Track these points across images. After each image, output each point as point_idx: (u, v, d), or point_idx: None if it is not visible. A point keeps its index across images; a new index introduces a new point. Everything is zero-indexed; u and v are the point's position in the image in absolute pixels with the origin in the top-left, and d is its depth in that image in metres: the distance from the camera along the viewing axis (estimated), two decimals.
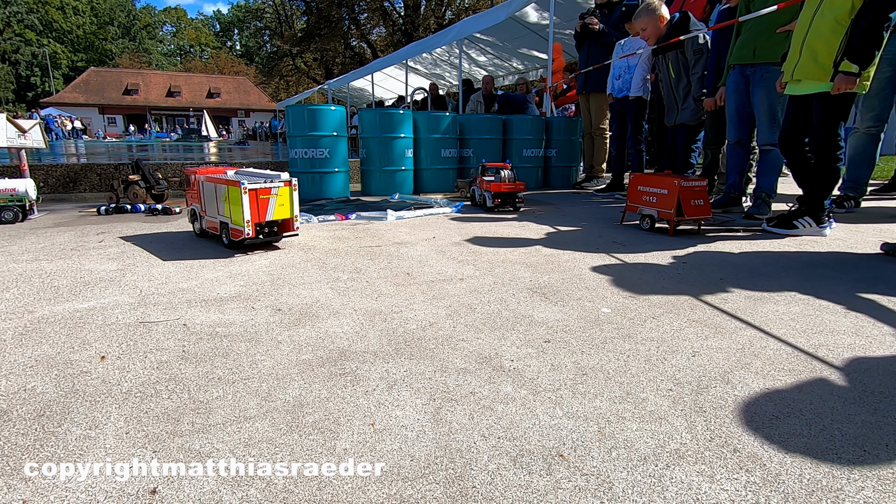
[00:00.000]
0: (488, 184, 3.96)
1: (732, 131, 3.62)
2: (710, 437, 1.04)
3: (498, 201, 3.97)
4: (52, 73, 45.95)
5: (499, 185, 3.94)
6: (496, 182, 3.95)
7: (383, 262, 2.42)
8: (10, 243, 2.85)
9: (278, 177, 2.60)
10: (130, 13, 55.75)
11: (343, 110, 4.94)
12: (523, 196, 4.12)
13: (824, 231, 2.91)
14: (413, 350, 1.46)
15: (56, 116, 27.26)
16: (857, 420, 1.10)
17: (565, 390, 1.23)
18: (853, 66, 2.47)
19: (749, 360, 1.39)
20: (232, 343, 1.50)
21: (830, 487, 0.89)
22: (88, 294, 1.95)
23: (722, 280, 2.12)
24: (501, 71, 12.10)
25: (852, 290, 1.98)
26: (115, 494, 0.89)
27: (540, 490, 0.89)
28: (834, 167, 2.79)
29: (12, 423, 1.10)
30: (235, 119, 44.03)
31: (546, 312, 1.75)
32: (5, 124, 3.82)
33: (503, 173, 4.01)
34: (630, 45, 4.70)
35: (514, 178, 4.03)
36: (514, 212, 3.99)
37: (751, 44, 3.30)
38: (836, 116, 2.69)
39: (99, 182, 5.14)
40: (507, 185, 3.95)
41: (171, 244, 2.83)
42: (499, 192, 3.94)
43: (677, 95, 4.15)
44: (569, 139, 5.97)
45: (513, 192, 3.98)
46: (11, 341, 1.51)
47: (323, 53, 34.16)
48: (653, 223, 3.14)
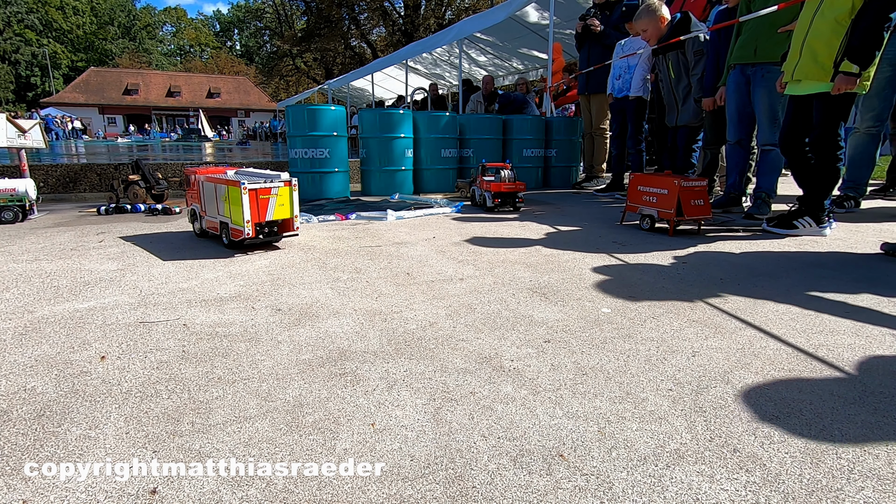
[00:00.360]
0: (488, 184, 3.96)
1: (732, 131, 3.62)
2: (710, 437, 1.04)
3: (498, 201, 3.96)
4: (52, 73, 45.95)
5: (499, 185, 3.93)
6: (496, 182, 3.94)
7: (383, 262, 2.42)
8: (10, 243, 2.85)
9: (278, 177, 2.60)
10: (130, 13, 55.76)
11: (343, 110, 4.94)
12: (523, 196, 4.11)
13: (824, 231, 2.91)
14: (413, 350, 1.46)
15: (59, 117, 27.24)
16: (857, 420, 1.10)
17: (565, 390, 1.23)
18: (853, 67, 2.47)
19: (749, 360, 1.39)
20: (232, 343, 1.50)
21: (830, 487, 0.89)
22: (88, 294, 1.95)
23: (722, 280, 2.12)
24: (501, 71, 12.10)
25: (852, 290, 1.98)
26: (115, 494, 0.89)
27: (540, 490, 0.89)
28: (834, 167, 2.79)
29: (12, 423, 1.10)
30: (235, 119, 44.03)
31: (546, 312, 1.75)
32: (5, 124, 3.82)
33: (503, 173, 3.99)
34: (630, 45, 4.70)
35: (514, 178, 4.02)
36: (514, 212, 3.98)
37: (752, 43, 3.30)
38: (836, 116, 2.69)
39: (99, 182, 5.14)
40: (507, 185, 3.93)
41: (171, 244, 2.83)
42: (499, 192, 3.93)
43: (677, 96, 4.14)
44: (569, 139, 5.97)
45: (513, 192, 3.98)
46: (11, 341, 1.51)
47: (323, 53, 34.16)
48: (653, 223, 3.14)
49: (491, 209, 4.00)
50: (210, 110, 42.44)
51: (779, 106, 3.27)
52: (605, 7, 5.20)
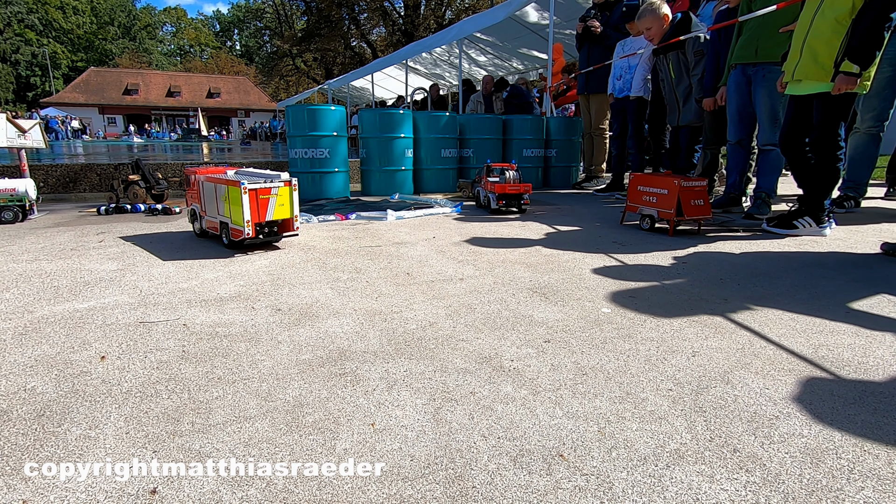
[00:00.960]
0: (493, 185, 3.87)
1: (733, 131, 3.62)
2: (710, 437, 1.04)
3: (502, 203, 3.87)
4: (52, 73, 45.94)
5: (503, 186, 3.84)
6: (501, 183, 3.84)
7: (383, 262, 2.42)
8: (10, 243, 2.85)
9: (278, 177, 2.60)
10: (131, 13, 55.74)
11: (343, 110, 4.94)
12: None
13: (824, 231, 2.91)
14: (413, 350, 1.46)
15: (62, 118, 27.21)
16: (857, 420, 1.10)
17: (565, 390, 1.23)
18: (854, 67, 2.47)
19: (749, 360, 1.38)
20: (232, 343, 1.50)
21: (830, 487, 0.89)
22: (88, 294, 1.95)
23: (722, 280, 2.12)
24: (501, 71, 12.09)
25: (852, 290, 1.98)
26: (115, 494, 0.89)
27: (540, 490, 0.89)
28: (834, 167, 2.79)
29: (12, 423, 1.10)
30: (235, 119, 44.04)
31: (546, 312, 1.75)
32: (5, 124, 3.82)
33: (508, 174, 3.89)
34: (631, 45, 4.70)
35: (519, 179, 3.91)
36: (518, 213, 3.92)
37: (753, 43, 3.30)
38: (837, 117, 2.70)
39: (99, 182, 5.14)
40: (511, 186, 3.84)
41: (171, 244, 2.83)
42: (504, 193, 3.85)
43: (678, 96, 4.14)
44: (569, 139, 5.97)
45: (518, 194, 3.89)
46: (11, 341, 1.51)
47: (323, 53, 34.16)
48: (653, 223, 3.14)
49: (496, 211, 3.92)
50: (210, 110, 42.45)
51: (780, 106, 3.27)
52: (604, 7, 5.20)
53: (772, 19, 3.17)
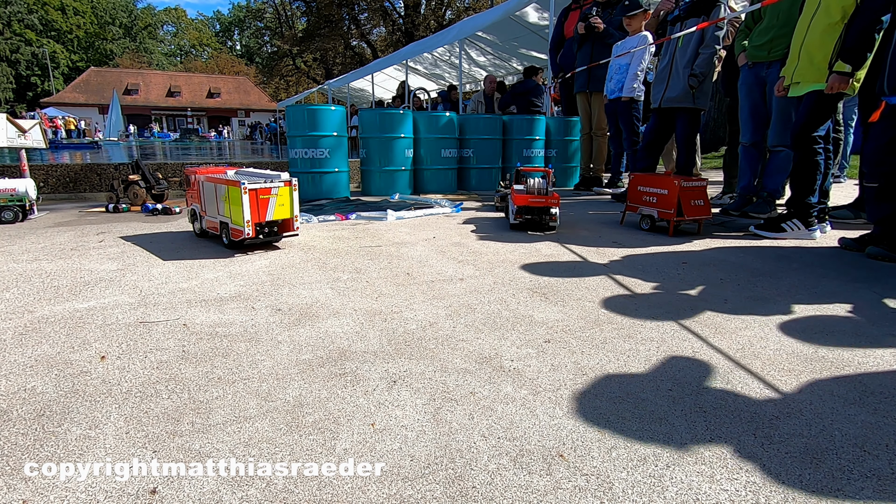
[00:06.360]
0: (514, 194, 3.16)
1: (747, 133, 3.58)
2: (710, 437, 1.04)
3: (521, 217, 3.10)
4: (52, 73, 45.94)
5: (524, 197, 3.06)
6: (521, 193, 3.10)
7: (383, 263, 2.42)
8: (10, 243, 2.84)
9: (278, 177, 2.60)
10: (132, 13, 55.74)
11: (343, 110, 4.94)
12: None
13: (813, 234, 2.88)
14: (413, 350, 1.46)
15: (62, 120, 27.16)
16: (857, 420, 1.10)
17: (565, 390, 1.23)
18: (846, 66, 2.54)
19: (749, 360, 1.39)
20: (232, 343, 1.50)
21: (830, 487, 0.89)
22: (88, 294, 1.95)
23: (722, 280, 2.12)
24: (501, 71, 12.10)
25: (852, 290, 1.98)
26: (115, 494, 0.89)
27: (540, 490, 0.89)
28: (812, 160, 2.80)
29: (12, 423, 1.10)
30: (235, 119, 44.04)
31: (546, 312, 1.75)
32: (5, 124, 3.82)
33: (532, 181, 3.16)
34: (624, 45, 4.69)
35: (545, 190, 3.12)
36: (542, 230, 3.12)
37: (767, 45, 3.32)
38: (822, 114, 2.76)
39: (99, 182, 5.14)
40: (533, 197, 3.05)
41: (171, 244, 2.83)
42: (524, 205, 3.07)
43: (674, 67, 3.87)
44: (569, 139, 5.97)
45: (543, 208, 3.06)
46: (11, 341, 1.51)
47: (323, 53, 34.14)
48: (653, 223, 3.14)
49: (515, 226, 3.18)
50: (210, 110, 42.45)
51: (791, 108, 3.25)
52: (605, 6, 5.21)
53: (785, 17, 3.17)
